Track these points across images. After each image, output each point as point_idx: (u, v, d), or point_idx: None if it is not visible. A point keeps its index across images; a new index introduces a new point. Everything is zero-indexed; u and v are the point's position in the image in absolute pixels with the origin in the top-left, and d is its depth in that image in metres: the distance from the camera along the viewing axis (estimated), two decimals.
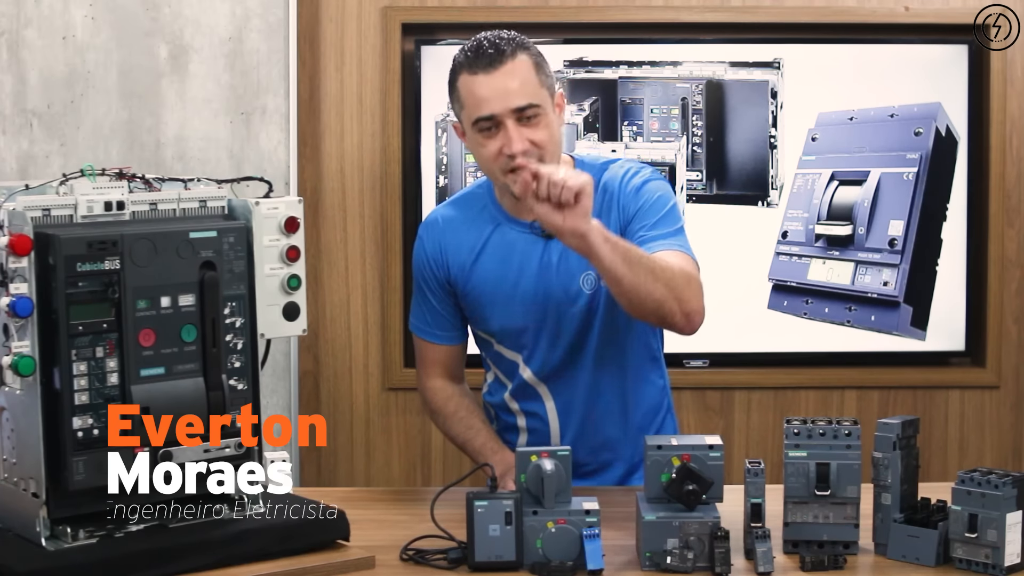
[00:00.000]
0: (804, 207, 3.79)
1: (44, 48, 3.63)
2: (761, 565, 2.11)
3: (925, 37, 3.79)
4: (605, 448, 2.69)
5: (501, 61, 2.50)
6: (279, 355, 3.72)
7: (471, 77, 2.51)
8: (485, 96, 2.50)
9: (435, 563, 2.15)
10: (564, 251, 2.58)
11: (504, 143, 2.50)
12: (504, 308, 2.65)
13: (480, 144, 2.54)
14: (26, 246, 1.99)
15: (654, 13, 3.77)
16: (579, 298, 2.62)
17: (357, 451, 3.83)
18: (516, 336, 2.66)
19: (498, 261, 2.65)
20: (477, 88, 2.51)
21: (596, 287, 2.60)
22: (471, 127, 2.54)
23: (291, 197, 2.24)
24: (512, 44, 2.53)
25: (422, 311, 2.74)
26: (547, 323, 2.64)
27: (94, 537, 2.07)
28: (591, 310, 2.63)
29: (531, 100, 2.50)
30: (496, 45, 2.52)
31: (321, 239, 3.75)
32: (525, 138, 2.49)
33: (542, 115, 2.51)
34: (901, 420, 2.18)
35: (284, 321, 2.24)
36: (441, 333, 2.73)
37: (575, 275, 2.61)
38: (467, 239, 2.67)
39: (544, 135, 2.51)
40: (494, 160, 2.52)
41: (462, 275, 2.67)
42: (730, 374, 3.82)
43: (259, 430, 2.19)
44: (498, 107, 2.49)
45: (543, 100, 2.52)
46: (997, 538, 2.07)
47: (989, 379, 3.85)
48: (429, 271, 2.70)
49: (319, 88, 3.73)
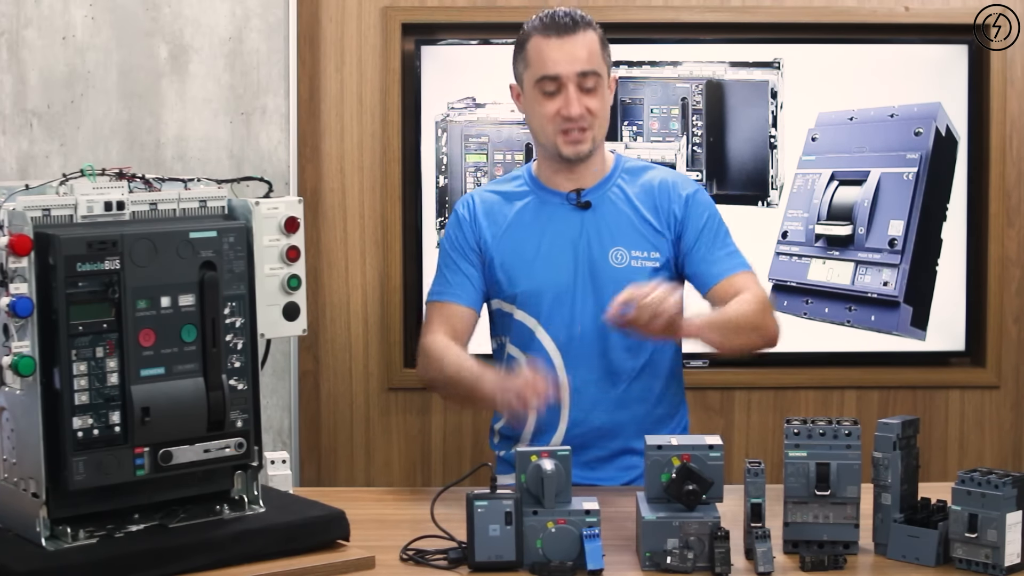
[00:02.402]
0: (804, 207, 3.79)
1: (44, 48, 3.63)
2: (761, 565, 2.11)
3: (925, 37, 3.79)
4: (608, 434, 2.71)
5: (574, 30, 2.69)
6: (279, 355, 3.72)
7: (543, 39, 2.70)
8: (555, 58, 2.68)
9: (435, 563, 2.15)
10: (596, 222, 2.74)
11: (563, 105, 2.67)
12: (529, 268, 2.73)
13: (539, 103, 2.71)
14: (26, 246, 1.99)
15: (654, 13, 3.77)
16: (605, 270, 2.71)
17: (357, 451, 3.83)
18: (536, 298, 2.73)
19: (530, 224, 2.77)
20: (548, 49, 2.69)
21: (627, 264, 2.71)
22: (533, 86, 2.71)
23: (291, 197, 2.25)
24: (584, 19, 2.71)
25: (444, 278, 2.80)
26: (569, 288, 2.72)
27: (94, 537, 2.07)
28: (615, 285, 2.65)
29: (595, 68, 2.68)
30: (571, 15, 2.71)
31: (321, 239, 3.75)
32: (583, 104, 2.67)
33: (600, 87, 2.70)
34: (901, 420, 2.18)
35: (284, 321, 2.24)
36: (460, 292, 2.77)
37: (605, 247, 2.73)
38: (503, 208, 2.80)
39: (599, 105, 2.70)
40: (550, 120, 2.70)
41: (495, 241, 2.76)
42: (730, 374, 3.82)
43: (259, 430, 2.19)
44: (565, 68, 2.67)
45: (603, 73, 2.71)
46: (997, 538, 2.07)
47: (989, 379, 3.85)
48: (462, 238, 2.79)
49: (319, 88, 3.73)
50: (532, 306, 2.74)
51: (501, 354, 2.83)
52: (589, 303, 2.71)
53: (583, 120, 2.68)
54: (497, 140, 3.75)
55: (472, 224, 2.79)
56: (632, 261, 2.72)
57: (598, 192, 2.76)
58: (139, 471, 2.07)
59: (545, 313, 2.73)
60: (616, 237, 2.73)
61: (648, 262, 2.72)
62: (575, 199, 2.75)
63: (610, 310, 2.43)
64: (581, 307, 2.71)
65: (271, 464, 2.44)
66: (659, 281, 2.52)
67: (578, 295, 2.72)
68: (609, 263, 2.71)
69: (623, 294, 2.42)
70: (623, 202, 2.76)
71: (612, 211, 2.75)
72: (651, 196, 2.76)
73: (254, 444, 2.17)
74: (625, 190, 2.77)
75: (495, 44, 3.74)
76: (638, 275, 2.68)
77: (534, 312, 2.74)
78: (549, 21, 2.70)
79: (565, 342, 2.72)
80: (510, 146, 3.75)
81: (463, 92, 3.73)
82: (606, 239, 2.73)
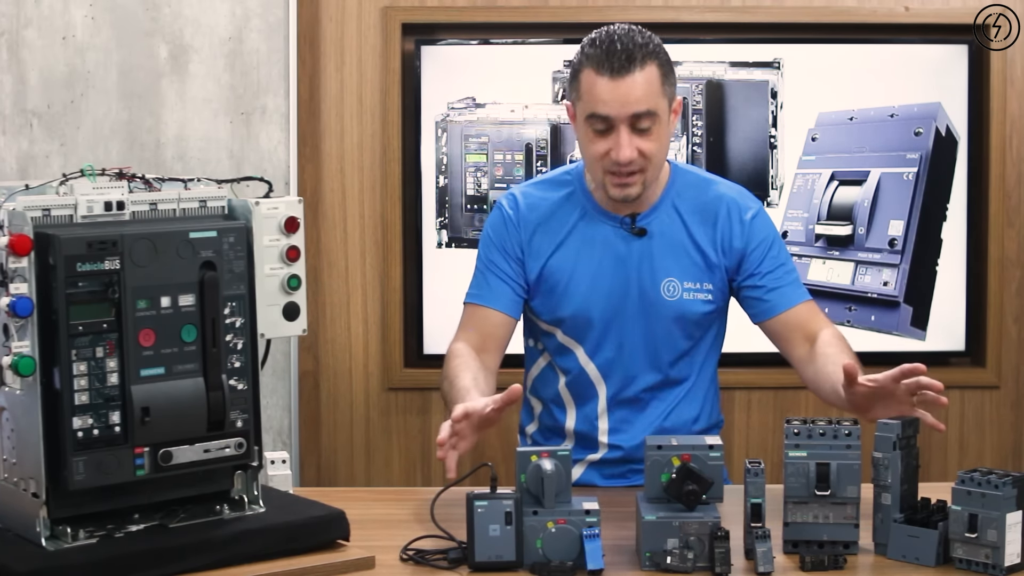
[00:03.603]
0: (804, 207, 3.79)
1: (44, 48, 3.63)
2: (761, 565, 2.11)
3: (925, 37, 3.79)
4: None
5: (630, 69, 2.49)
6: (279, 355, 3.72)
7: (596, 76, 2.51)
8: (605, 99, 2.50)
9: (435, 563, 2.15)
10: (650, 251, 2.63)
11: (613, 147, 2.52)
12: (577, 296, 2.64)
13: (589, 140, 2.55)
14: (26, 246, 1.99)
15: (654, 13, 3.77)
16: (656, 302, 2.64)
17: (357, 451, 3.83)
18: (583, 326, 2.66)
19: (580, 250, 2.65)
20: (599, 90, 2.51)
21: (678, 297, 2.63)
22: (584, 120, 2.55)
23: (291, 197, 2.24)
24: (644, 51, 2.51)
25: (483, 279, 2.69)
26: (617, 317, 2.64)
27: (94, 537, 2.07)
28: (665, 318, 2.64)
29: (650, 108, 2.51)
30: (629, 51, 2.50)
31: (321, 239, 3.75)
32: (635, 147, 2.51)
33: (656, 125, 2.53)
34: (901, 420, 2.18)
35: (284, 321, 2.24)
36: (498, 298, 2.67)
37: (658, 278, 2.64)
38: (552, 222, 2.68)
39: (654, 147, 2.53)
40: (599, 159, 2.55)
41: (540, 257, 2.66)
42: (730, 374, 3.80)
43: (259, 430, 2.19)
44: (616, 111, 2.50)
45: (661, 109, 2.54)
46: (997, 538, 2.07)
47: (989, 379, 3.85)
48: (506, 237, 2.68)
49: (319, 88, 3.73)
50: (577, 332, 2.67)
51: (535, 360, 2.77)
52: (637, 333, 2.65)
53: (633, 165, 2.53)
54: (497, 140, 3.75)
55: (518, 225, 2.68)
56: (684, 293, 2.64)
57: (653, 216, 2.65)
58: (139, 471, 2.07)
59: (591, 340, 2.67)
60: (669, 268, 2.63)
61: (700, 294, 2.65)
62: (629, 224, 2.63)
63: (874, 379, 2.29)
64: (629, 337, 2.65)
65: (271, 464, 2.44)
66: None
67: (627, 325, 2.65)
68: (661, 295, 2.64)
69: (908, 366, 2.27)
70: (679, 229, 2.65)
71: (666, 240, 2.64)
72: (709, 222, 2.65)
73: (254, 444, 2.17)
74: (681, 213, 2.66)
75: (495, 44, 3.74)
76: (689, 307, 2.63)
77: (578, 337, 2.67)
78: (603, 56, 2.50)
79: (607, 368, 2.67)
80: (510, 146, 3.75)
81: (463, 92, 3.73)
82: (659, 270, 2.63)
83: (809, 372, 2.61)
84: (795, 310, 2.66)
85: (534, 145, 3.74)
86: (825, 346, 2.58)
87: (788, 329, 2.66)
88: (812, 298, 2.70)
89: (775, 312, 2.66)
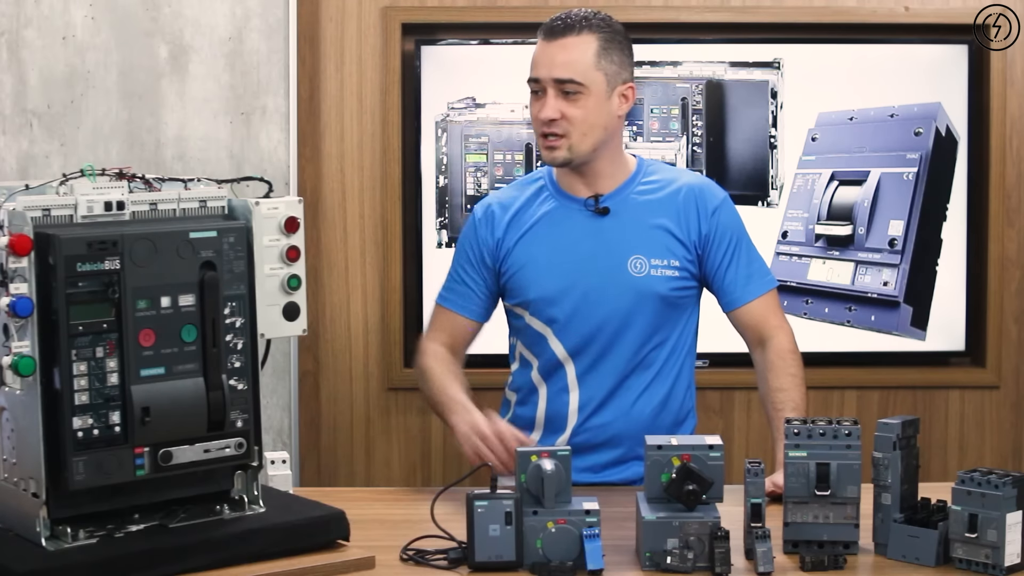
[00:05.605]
0: (804, 207, 3.79)
1: (44, 48, 3.63)
2: (761, 565, 2.11)
3: (925, 37, 3.79)
4: (614, 442, 2.71)
5: (563, 34, 2.62)
6: (279, 355, 3.72)
7: (539, 39, 2.66)
8: (537, 60, 2.64)
9: (435, 563, 2.15)
10: (615, 229, 2.68)
11: (541, 108, 2.62)
12: (544, 274, 2.70)
13: (531, 104, 2.68)
14: (26, 246, 1.99)
15: (654, 13, 3.77)
16: (624, 279, 2.67)
17: (357, 451, 3.83)
18: (550, 305, 2.69)
19: (547, 231, 2.72)
20: (536, 52, 2.65)
21: (646, 273, 2.67)
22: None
23: (291, 197, 2.24)
24: (584, 22, 2.63)
25: (454, 283, 2.79)
26: (584, 296, 2.68)
27: (94, 537, 2.07)
28: (633, 294, 2.66)
29: (573, 76, 2.61)
30: (568, 19, 2.63)
31: (321, 239, 3.75)
32: (559, 109, 2.60)
33: (584, 95, 2.61)
34: (901, 420, 2.18)
35: (284, 321, 2.24)
36: (463, 304, 2.77)
37: (624, 255, 2.68)
38: (522, 214, 2.75)
39: (579, 114, 2.62)
40: (535, 121, 2.66)
41: (512, 246, 2.72)
42: (730, 374, 3.81)
43: (259, 430, 2.19)
44: (543, 72, 2.63)
45: (591, 82, 2.62)
46: (997, 538, 2.07)
47: (989, 379, 3.85)
48: (475, 245, 2.76)
49: (319, 88, 3.73)
50: (544, 313, 2.71)
51: (514, 354, 2.82)
52: (605, 312, 2.68)
53: (557, 126, 2.61)
54: (497, 140, 3.75)
55: (488, 230, 2.75)
56: (652, 270, 2.67)
57: (617, 198, 2.70)
58: (139, 471, 2.07)
59: (559, 321, 2.70)
60: (635, 245, 2.67)
61: (668, 271, 2.68)
62: (593, 205, 2.69)
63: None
64: (597, 316, 2.68)
65: (271, 464, 2.43)
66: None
67: (594, 304, 2.68)
68: (628, 271, 2.67)
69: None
70: (643, 209, 2.70)
71: (631, 218, 2.69)
72: (674, 206, 2.70)
73: (254, 444, 2.17)
74: (646, 196, 2.71)
75: (495, 44, 3.74)
76: (657, 284, 2.66)
77: (546, 319, 2.71)
78: (549, 23, 2.65)
79: (576, 350, 2.70)
80: (510, 146, 3.75)
81: (463, 92, 3.74)
82: (625, 247, 2.68)
83: (760, 387, 2.71)
84: (748, 307, 2.71)
85: (534, 145, 3.74)
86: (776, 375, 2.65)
87: (741, 326, 2.74)
88: (774, 288, 2.75)
89: (732, 307, 2.73)
